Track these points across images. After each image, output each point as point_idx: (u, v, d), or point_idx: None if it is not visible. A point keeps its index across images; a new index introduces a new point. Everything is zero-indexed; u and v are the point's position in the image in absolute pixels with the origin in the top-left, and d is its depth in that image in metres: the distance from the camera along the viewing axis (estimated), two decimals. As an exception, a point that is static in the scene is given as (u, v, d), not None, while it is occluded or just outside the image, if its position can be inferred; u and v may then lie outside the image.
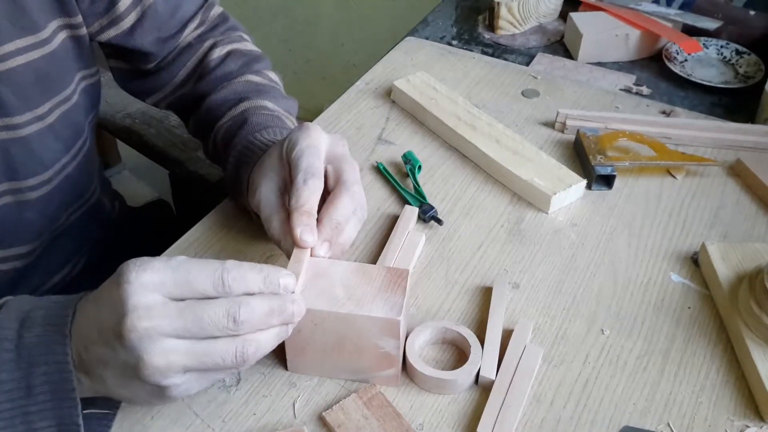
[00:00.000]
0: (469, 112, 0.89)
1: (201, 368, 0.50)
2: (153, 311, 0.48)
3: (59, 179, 0.74)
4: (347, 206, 0.61)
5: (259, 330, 0.51)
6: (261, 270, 0.52)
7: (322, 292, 0.57)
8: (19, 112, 0.67)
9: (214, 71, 0.80)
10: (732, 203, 0.80)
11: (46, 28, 0.68)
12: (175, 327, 0.48)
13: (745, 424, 0.59)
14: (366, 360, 0.59)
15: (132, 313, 0.48)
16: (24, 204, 0.71)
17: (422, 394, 0.60)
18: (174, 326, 0.48)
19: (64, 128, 0.73)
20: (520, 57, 1.09)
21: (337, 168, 0.63)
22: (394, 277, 0.59)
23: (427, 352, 0.64)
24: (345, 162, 0.64)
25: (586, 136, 0.85)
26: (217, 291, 0.50)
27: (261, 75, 0.81)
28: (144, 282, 0.48)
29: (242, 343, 0.50)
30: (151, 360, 0.48)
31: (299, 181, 0.60)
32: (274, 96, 0.79)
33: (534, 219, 0.78)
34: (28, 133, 0.69)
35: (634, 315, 0.68)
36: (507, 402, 0.58)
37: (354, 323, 0.57)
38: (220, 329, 0.49)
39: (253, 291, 0.51)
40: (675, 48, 1.06)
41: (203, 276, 0.50)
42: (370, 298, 0.57)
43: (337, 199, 0.61)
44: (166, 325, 0.48)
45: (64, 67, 0.71)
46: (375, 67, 1.02)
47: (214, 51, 0.81)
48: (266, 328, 0.52)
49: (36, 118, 0.69)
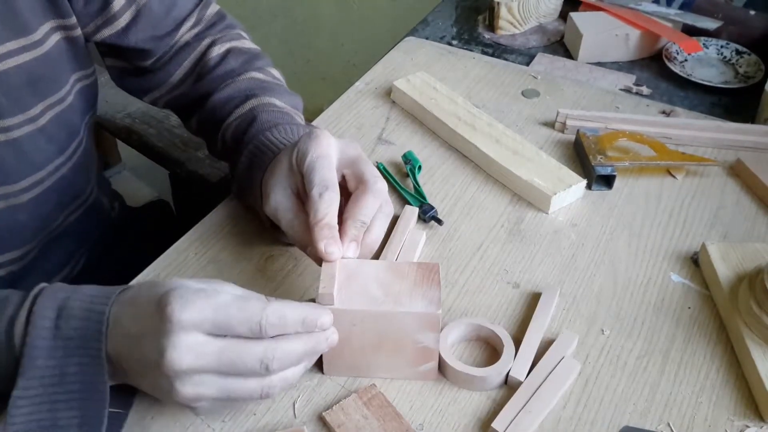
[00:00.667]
0: (469, 112, 0.89)
1: (228, 400, 0.54)
2: (193, 350, 0.51)
3: (52, 180, 0.74)
4: (371, 205, 0.61)
5: (289, 367, 0.54)
6: (301, 312, 0.54)
7: (358, 293, 0.58)
8: (9, 115, 0.67)
9: (215, 69, 0.80)
10: (732, 203, 0.80)
11: (38, 30, 0.67)
12: (211, 367, 0.51)
13: (745, 424, 0.59)
14: (405, 356, 0.60)
15: (173, 350, 0.50)
16: (17, 207, 0.71)
17: (422, 394, 0.60)
18: (210, 366, 0.51)
19: (58, 130, 0.73)
20: (520, 57, 1.09)
21: (356, 170, 0.63)
22: (426, 272, 0.60)
23: (458, 348, 0.64)
24: (362, 163, 0.64)
25: (586, 136, 0.85)
26: (254, 335, 0.52)
27: (264, 72, 0.81)
28: (185, 321, 0.50)
29: (269, 383, 0.54)
30: (183, 390, 0.51)
31: (314, 196, 0.60)
32: (280, 93, 0.78)
33: (534, 219, 0.78)
34: (19, 136, 0.69)
35: (634, 315, 0.68)
36: (528, 407, 0.58)
37: (394, 320, 0.57)
38: (253, 373, 0.52)
39: (290, 332, 0.53)
40: (675, 48, 1.06)
41: (243, 322, 0.52)
42: (407, 295, 0.58)
43: (361, 199, 0.61)
44: (204, 364, 0.51)
45: (57, 68, 0.71)
46: (375, 67, 1.02)
47: (213, 49, 0.81)
48: (296, 365, 0.55)
49: (27, 120, 0.69)
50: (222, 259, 0.72)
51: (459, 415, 0.59)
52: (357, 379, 0.61)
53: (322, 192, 0.60)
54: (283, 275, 0.70)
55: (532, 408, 0.58)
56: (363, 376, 0.61)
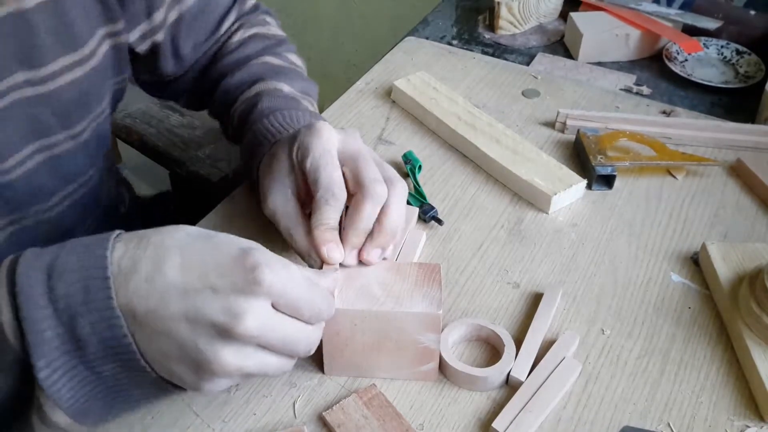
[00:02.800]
0: (469, 112, 0.89)
1: (255, 376, 0.50)
2: (264, 320, 0.47)
3: (80, 193, 0.71)
4: (370, 214, 0.59)
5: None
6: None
7: (360, 293, 0.58)
8: (56, 132, 0.64)
9: (231, 54, 0.79)
10: (732, 203, 0.80)
11: (89, 42, 0.64)
12: (269, 341, 0.48)
13: (746, 424, 0.59)
14: (406, 356, 0.60)
15: (251, 314, 0.46)
16: (44, 222, 0.69)
17: (423, 394, 0.60)
18: (269, 340, 0.48)
19: (95, 142, 0.70)
20: (521, 57, 1.09)
21: (355, 170, 0.61)
22: (427, 272, 0.60)
23: (458, 349, 0.64)
24: (360, 160, 0.61)
25: (587, 136, 0.85)
26: (311, 321, 0.51)
27: (281, 57, 0.80)
28: (274, 290, 0.47)
29: (290, 363, 0.51)
30: (228, 358, 0.46)
31: (321, 201, 0.58)
32: (291, 78, 0.76)
33: (534, 219, 0.78)
34: (60, 152, 0.66)
35: (634, 315, 0.68)
36: (529, 407, 0.58)
37: (395, 320, 0.57)
38: (296, 355, 0.51)
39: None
40: (675, 48, 1.06)
41: (310, 306, 0.50)
42: (408, 295, 0.58)
43: (360, 207, 0.59)
44: (266, 337, 0.47)
45: (102, 81, 0.69)
46: (375, 67, 1.02)
47: (236, 34, 0.80)
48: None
49: (71, 136, 0.66)
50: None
51: (459, 415, 0.59)
52: (357, 379, 0.61)
53: (328, 198, 0.58)
54: (283, 275, 0.70)
55: (532, 408, 0.58)
56: (363, 376, 0.61)
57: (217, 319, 0.45)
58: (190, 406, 0.59)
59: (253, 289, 0.46)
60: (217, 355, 0.46)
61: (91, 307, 0.45)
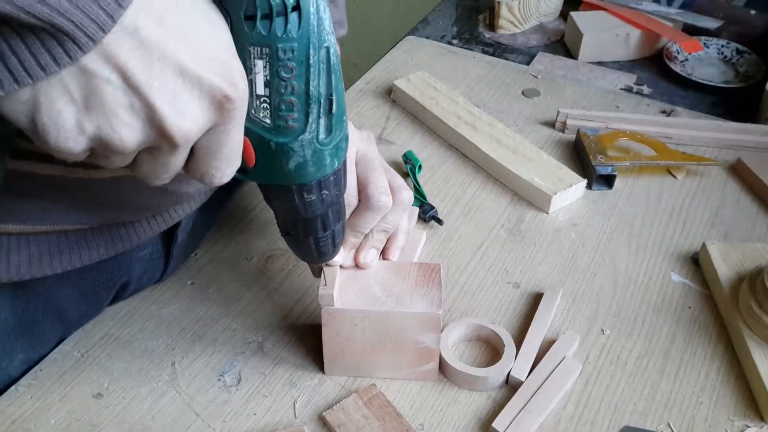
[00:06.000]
0: (469, 111, 0.89)
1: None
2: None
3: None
4: (370, 221, 0.60)
5: None
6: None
7: (360, 293, 0.58)
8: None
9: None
10: (732, 203, 0.80)
11: None
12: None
13: (746, 424, 0.59)
14: (405, 356, 0.60)
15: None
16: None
17: (423, 394, 0.60)
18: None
19: None
20: (521, 56, 1.09)
21: (364, 177, 0.61)
22: (427, 272, 0.60)
23: (458, 349, 0.64)
24: (371, 169, 0.62)
25: (587, 136, 0.85)
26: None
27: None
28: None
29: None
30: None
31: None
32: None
33: (534, 219, 0.78)
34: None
35: (634, 315, 0.68)
36: (529, 407, 0.58)
37: (395, 320, 0.57)
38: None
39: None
40: (675, 47, 1.06)
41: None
42: (408, 295, 0.58)
43: (361, 213, 0.60)
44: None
45: None
46: (375, 67, 1.02)
47: None
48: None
49: None
50: (222, 258, 0.72)
51: (459, 415, 0.59)
52: (357, 379, 0.61)
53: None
54: (283, 275, 0.70)
55: (532, 408, 0.58)
56: (363, 376, 0.61)
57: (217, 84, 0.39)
58: (191, 406, 0.59)
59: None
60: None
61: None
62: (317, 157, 0.47)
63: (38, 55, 0.35)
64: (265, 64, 0.42)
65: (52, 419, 0.58)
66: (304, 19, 0.42)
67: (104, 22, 0.35)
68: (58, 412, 0.58)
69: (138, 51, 0.36)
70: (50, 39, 0.35)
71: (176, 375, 0.61)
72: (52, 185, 0.52)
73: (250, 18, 0.41)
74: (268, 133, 0.45)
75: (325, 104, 0.45)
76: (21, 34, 0.34)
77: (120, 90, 0.37)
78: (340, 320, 0.57)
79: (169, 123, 0.38)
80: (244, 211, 0.77)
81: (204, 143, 0.42)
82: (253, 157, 0.46)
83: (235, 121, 0.41)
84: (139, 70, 0.37)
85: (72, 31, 0.34)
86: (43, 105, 0.36)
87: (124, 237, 0.60)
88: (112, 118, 0.37)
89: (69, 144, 0.37)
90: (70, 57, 0.35)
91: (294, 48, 0.42)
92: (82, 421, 0.58)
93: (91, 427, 0.57)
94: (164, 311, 0.67)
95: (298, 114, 0.44)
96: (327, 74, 0.45)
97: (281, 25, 0.41)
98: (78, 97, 0.37)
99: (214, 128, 0.41)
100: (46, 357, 0.62)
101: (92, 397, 0.60)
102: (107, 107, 0.37)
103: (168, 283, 0.69)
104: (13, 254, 0.54)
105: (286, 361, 0.63)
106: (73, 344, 0.64)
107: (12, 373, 0.61)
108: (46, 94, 0.36)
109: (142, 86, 0.37)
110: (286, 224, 0.54)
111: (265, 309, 0.67)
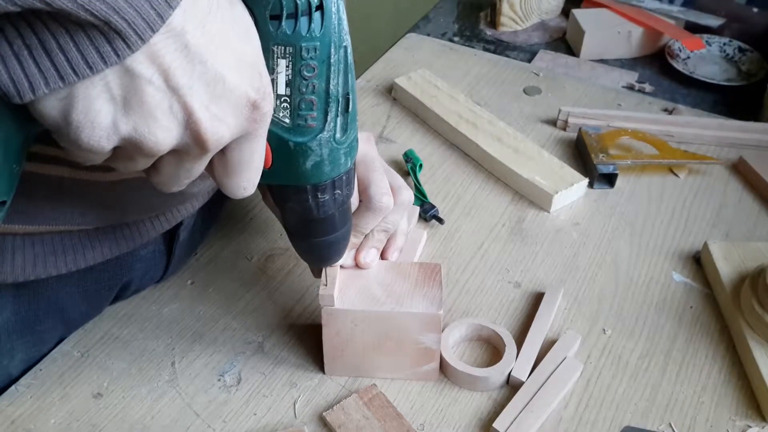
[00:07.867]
0: (470, 109, 0.88)
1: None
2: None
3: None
4: (370, 222, 0.60)
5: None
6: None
7: (360, 293, 0.58)
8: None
9: None
10: (734, 202, 0.80)
11: None
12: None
13: (747, 424, 0.59)
14: (406, 356, 0.59)
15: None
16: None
17: (423, 395, 0.60)
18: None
19: None
20: (522, 54, 1.08)
21: (365, 178, 0.61)
22: (428, 272, 0.60)
23: (459, 349, 0.64)
24: (372, 170, 0.61)
25: (588, 134, 0.84)
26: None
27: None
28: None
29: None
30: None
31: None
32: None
33: (535, 218, 0.78)
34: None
35: (635, 314, 0.67)
36: (530, 407, 0.58)
37: (395, 320, 0.57)
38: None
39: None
40: (678, 45, 1.06)
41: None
42: (408, 295, 0.58)
43: (362, 214, 0.60)
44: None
45: None
46: (376, 64, 1.02)
47: None
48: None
49: None
50: (222, 258, 0.72)
51: (460, 416, 0.59)
52: (358, 379, 0.61)
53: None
54: (283, 275, 0.70)
55: (533, 408, 0.58)
56: (364, 377, 0.61)
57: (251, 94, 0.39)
58: (191, 406, 0.59)
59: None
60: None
61: None
62: (333, 155, 0.47)
63: (86, 54, 0.34)
64: (288, 64, 0.43)
65: (52, 419, 0.58)
66: (327, 19, 0.42)
67: (154, 22, 0.35)
68: (58, 412, 0.58)
69: (181, 53, 0.36)
70: (100, 37, 0.34)
71: (176, 375, 0.61)
72: (58, 187, 0.52)
73: (275, 17, 0.41)
74: (287, 133, 0.45)
75: (342, 103, 0.45)
76: (71, 31, 0.34)
77: (161, 91, 0.37)
78: (341, 320, 0.57)
79: (205, 127, 0.38)
80: (243, 210, 0.77)
81: (236, 154, 0.42)
82: (270, 159, 0.46)
83: (263, 129, 0.42)
84: (181, 73, 0.37)
85: (124, 29, 0.34)
86: (80, 102, 0.36)
87: (128, 237, 0.60)
88: (150, 119, 0.37)
89: (102, 143, 0.37)
90: (118, 56, 0.35)
91: (317, 47, 0.42)
92: (82, 420, 0.58)
93: (91, 426, 0.57)
94: (164, 311, 0.67)
95: (317, 113, 0.45)
96: (345, 73, 0.45)
97: (305, 24, 0.41)
98: (118, 96, 0.36)
99: (244, 136, 0.41)
100: (46, 357, 0.62)
101: (92, 396, 0.59)
102: (146, 108, 0.37)
103: (168, 283, 0.69)
104: (18, 254, 0.54)
105: (286, 361, 0.63)
106: (73, 344, 0.63)
107: (12, 373, 0.61)
108: (86, 91, 0.35)
109: (183, 89, 0.37)
110: (296, 226, 0.54)
111: (265, 309, 0.67)
